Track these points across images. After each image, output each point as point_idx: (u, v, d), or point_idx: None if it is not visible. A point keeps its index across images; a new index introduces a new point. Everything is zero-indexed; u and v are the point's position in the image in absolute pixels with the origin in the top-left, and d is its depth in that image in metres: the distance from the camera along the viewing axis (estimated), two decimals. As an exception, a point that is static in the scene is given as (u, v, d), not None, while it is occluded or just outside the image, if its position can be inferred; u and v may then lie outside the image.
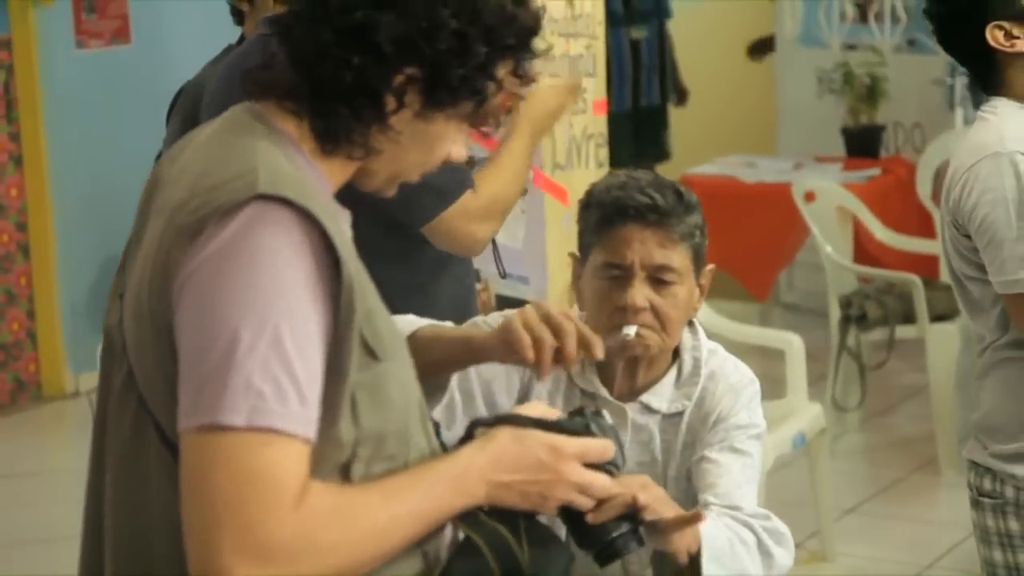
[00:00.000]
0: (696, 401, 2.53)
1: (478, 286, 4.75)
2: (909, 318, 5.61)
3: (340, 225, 1.75)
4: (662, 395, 2.54)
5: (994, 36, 2.85)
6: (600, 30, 4.79)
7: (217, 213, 1.67)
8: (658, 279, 2.48)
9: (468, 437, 1.84)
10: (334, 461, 1.70)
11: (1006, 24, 2.84)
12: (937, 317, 5.60)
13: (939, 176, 6.73)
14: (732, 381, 2.54)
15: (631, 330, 2.47)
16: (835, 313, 5.70)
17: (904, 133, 7.31)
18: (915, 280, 5.59)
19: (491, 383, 2.49)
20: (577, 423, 1.87)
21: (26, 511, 5.29)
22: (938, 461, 5.51)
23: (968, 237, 2.89)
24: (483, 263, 4.72)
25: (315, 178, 1.79)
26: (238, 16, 3.71)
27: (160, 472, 1.73)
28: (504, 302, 4.59)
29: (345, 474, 1.71)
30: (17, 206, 6.59)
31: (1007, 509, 2.92)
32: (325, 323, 1.69)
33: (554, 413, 1.90)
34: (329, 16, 1.75)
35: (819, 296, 6.36)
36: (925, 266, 6.18)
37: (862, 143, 7.22)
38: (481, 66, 1.78)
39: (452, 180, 2.96)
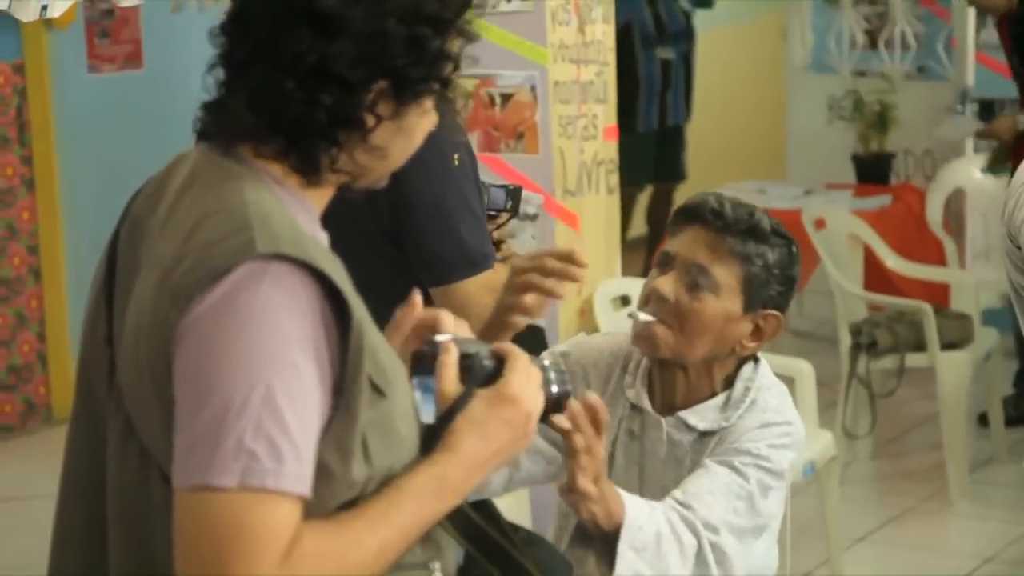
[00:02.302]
0: (734, 424, 2.53)
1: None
2: (919, 346, 5.60)
3: (337, 264, 1.74)
4: (703, 415, 2.54)
5: None
6: (611, 56, 4.80)
7: (214, 273, 1.66)
8: (696, 282, 2.49)
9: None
10: (344, 500, 1.70)
11: None
12: (947, 345, 5.59)
13: (949, 204, 6.73)
14: (767, 416, 2.54)
15: (643, 316, 2.50)
16: (845, 340, 5.69)
17: (914, 160, 7.31)
18: (926, 308, 5.58)
19: None
20: (477, 366, 1.83)
21: (37, 535, 5.27)
22: (948, 490, 5.49)
23: (1020, 249, 2.98)
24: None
25: (303, 211, 1.78)
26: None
27: (167, 517, 1.71)
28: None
29: (350, 509, 1.72)
30: (29, 229, 6.60)
31: None
32: (327, 373, 1.68)
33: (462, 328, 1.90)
34: (283, 65, 1.73)
35: (829, 323, 6.35)
36: (935, 294, 6.17)
37: (872, 170, 7.22)
38: (437, 55, 1.78)
39: (481, 250, 2.95)
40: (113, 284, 1.83)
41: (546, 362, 1.90)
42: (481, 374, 1.82)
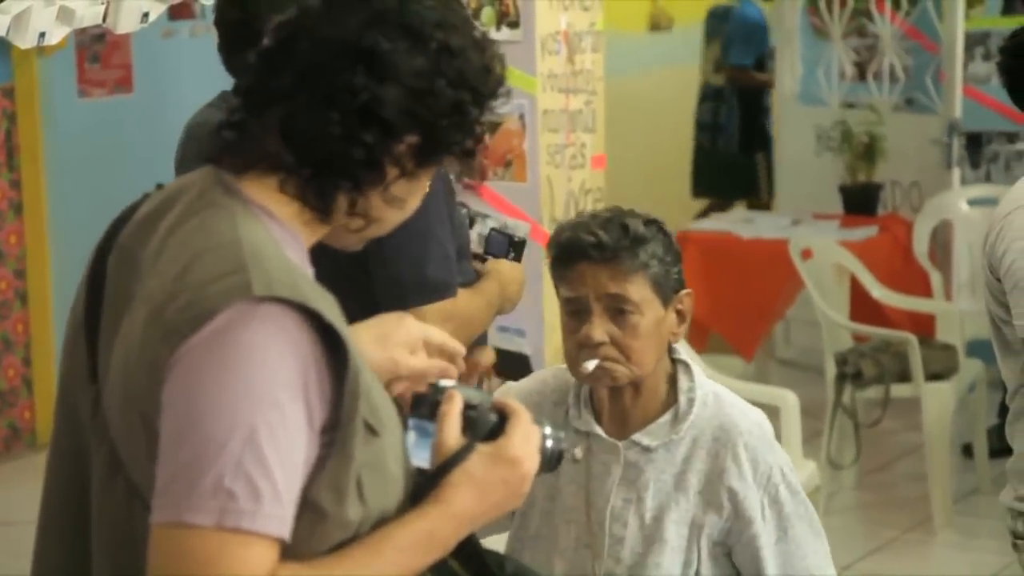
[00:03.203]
0: (699, 440, 2.56)
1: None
2: (904, 376, 5.62)
3: (330, 301, 1.73)
4: (655, 434, 2.59)
5: None
6: (600, 86, 4.82)
7: (208, 314, 1.65)
8: (617, 309, 2.54)
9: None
10: (338, 541, 1.70)
11: None
12: (932, 376, 5.60)
13: (936, 235, 6.76)
14: (744, 428, 2.57)
15: (590, 364, 2.54)
16: (831, 370, 5.71)
17: (902, 192, 7.33)
18: (911, 338, 5.59)
19: None
20: (480, 419, 1.83)
21: (19, 560, 5.26)
22: (933, 520, 5.51)
23: (999, 281, 3.02)
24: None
25: (294, 244, 1.78)
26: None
27: None
28: (502, 355, 4.59)
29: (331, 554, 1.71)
30: (16, 253, 6.60)
31: None
32: (317, 414, 1.67)
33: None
34: (331, 98, 1.74)
35: (815, 353, 6.36)
36: (921, 325, 6.19)
37: (860, 201, 7.24)
38: (472, 125, 1.80)
39: (442, 279, 2.96)
40: (95, 314, 1.82)
41: (547, 428, 1.88)
42: (483, 428, 1.81)
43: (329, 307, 1.71)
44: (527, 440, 1.82)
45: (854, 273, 6.31)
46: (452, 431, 1.80)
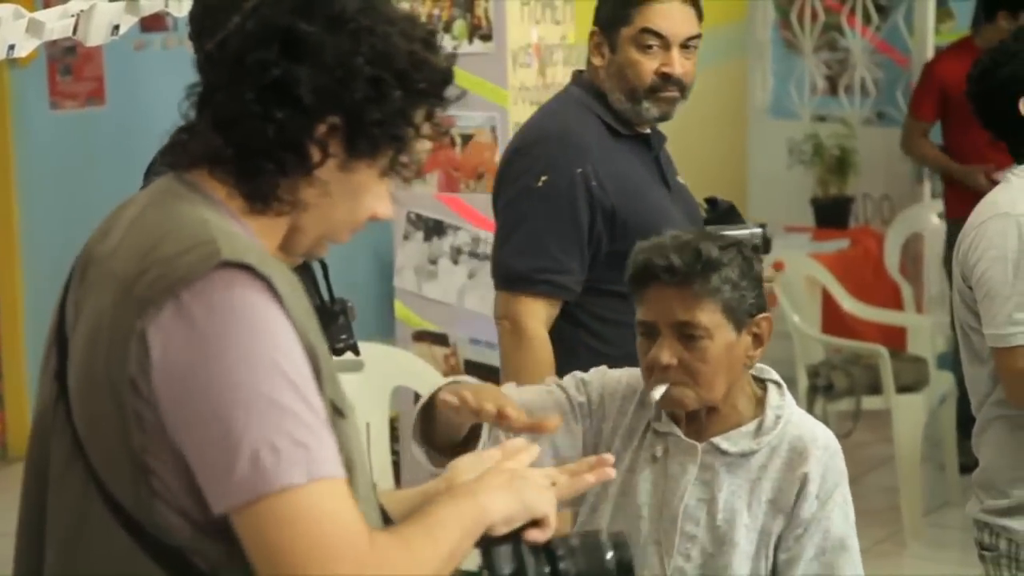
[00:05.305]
0: (773, 448, 2.60)
1: (446, 351, 4.76)
2: (876, 389, 5.64)
3: (296, 285, 1.76)
4: (735, 441, 2.61)
5: None
6: (571, 99, 4.82)
7: (181, 283, 1.67)
8: (687, 335, 2.56)
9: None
10: None
11: None
12: (903, 388, 5.62)
13: (907, 248, 6.79)
14: (822, 444, 2.60)
15: (658, 392, 2.57)
16: (802, 382, 5.72)
17: (873, 205, 7.37)
18: (882, 351, 5.62)
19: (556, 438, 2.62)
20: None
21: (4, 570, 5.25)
22: (904, 531, 5.52)
23: (972, 289, 3.06)
24: (450, 327, 4.74)
25: (255, 241, 1.79)
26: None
27: (107, 542, 1.73)
28: (472, 367, 4.60)
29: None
30: (-13, 266, 6.58)
31: (1001, 561, 3.10)
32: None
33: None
34: (247, 76, 1.76)
35: (787, 365, 6.37)
36: (892, 337, 6.21)
37: (831, 214, 7.27)
38: (398, 111, 1.80)
39: (515, 270, 3.24)
40: (64, 319, 1.84)
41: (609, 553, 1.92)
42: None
43: (292, 290, 1.73)
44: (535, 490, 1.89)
45: (825, 286, 6.34)
46: None
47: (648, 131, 3.37)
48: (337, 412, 1.74)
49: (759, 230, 3.29)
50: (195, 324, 1.66)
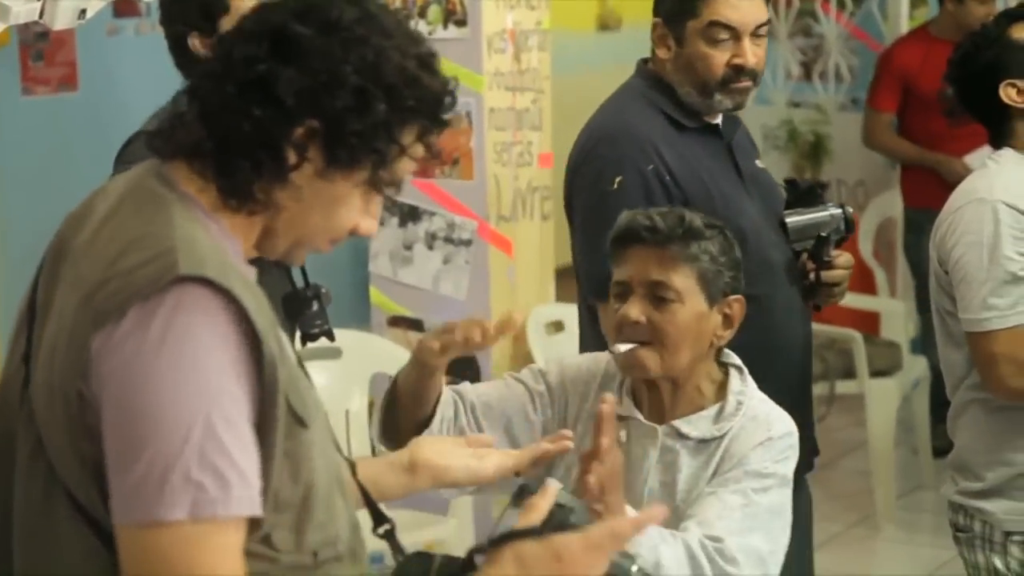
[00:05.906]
0: (732, 436, 2.59)
1: (421, 336, 4.76)
2: (849, 373, 5.66)
3: (259, 295, 1.75)
4: (696, 425, 2.61)
5: (1007, 93, 3.12)
6: (546, 84, 4.83)
7: (137, 297, 1.67)
8: (658, 296, 2.58)
9: (469, 566, 1.84)
10: (257, 533, 1.72)
11: (1019, 82, 3.12)
12: (877, 373, 5.65)
13: (880, 233, 6.81)
14: (773, 432, 2.59)
15: (622, 347, 2.58)
16: (777, 367, 5.73)
17: (847, 190, 7.38)
18: (856, 336, 5.64)
19: (512, 417, 2.64)
20: (559, 517, 1.85)
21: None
22: (877, 515, 5.55)
23: (948, 274, 3.07)
24: (425, 312, 4.74)
25: (229, 245, 1.79)
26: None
27: (72, 539, 1.73)
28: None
29: (268, 543, 1.73)
30: (-40, 252, 6.56)
31: (975, 543, 3.13)
32: (251, 399, 1.70)
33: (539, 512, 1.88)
34: (233, 70, 1.76)
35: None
36: (866, 322, 6.23)
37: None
38: (381, 124, 1.78)
39: (585, 272, 3.18)
40: (35, 305, 1.84)
41: (634, 568, 1.86)
42: (558, 522, 1.83)
43: (253, 298, 1.72)
44: (591, 550, 1.78)
45: (799, 271, 6.34)
46: (533, 518, 1.83)
47: (718, 120, 3.28)
48: (298, 422, 1.74)
49: (839, 211, 3.24)
50: (140, 344, 1.65)
